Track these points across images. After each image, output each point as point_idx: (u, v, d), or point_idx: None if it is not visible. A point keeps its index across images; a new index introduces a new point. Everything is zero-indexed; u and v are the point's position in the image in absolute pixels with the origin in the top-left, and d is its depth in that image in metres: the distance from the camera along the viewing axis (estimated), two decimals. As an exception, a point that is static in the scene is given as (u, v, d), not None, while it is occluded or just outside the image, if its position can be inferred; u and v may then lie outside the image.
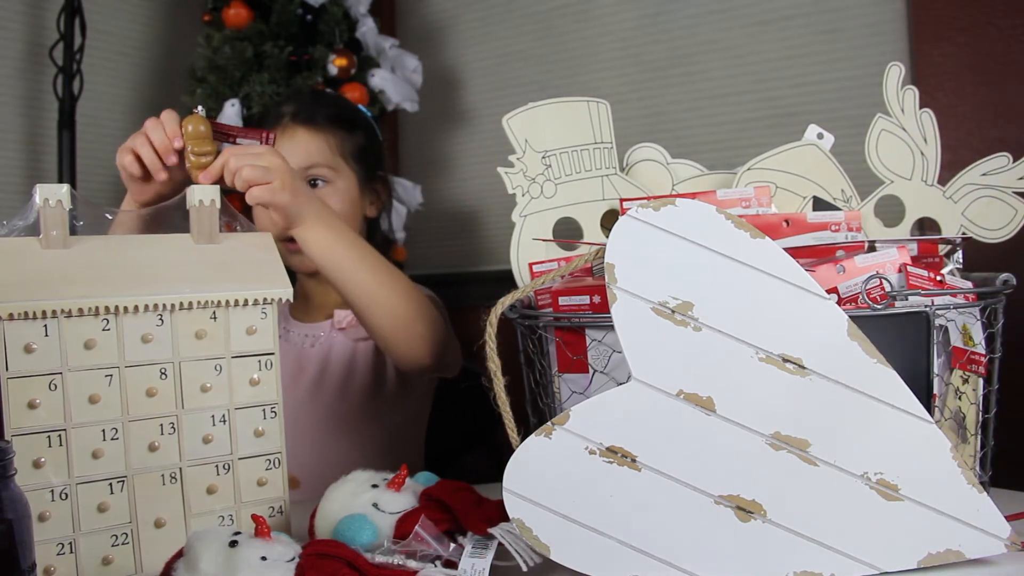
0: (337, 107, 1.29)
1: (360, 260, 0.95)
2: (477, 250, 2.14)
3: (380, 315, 0.96)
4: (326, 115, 1.22)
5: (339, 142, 1.20)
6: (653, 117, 1.90)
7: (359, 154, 1.23)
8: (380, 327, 0.97)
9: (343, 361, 1.18)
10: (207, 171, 0.87)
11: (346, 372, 1.17)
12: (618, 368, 0.72)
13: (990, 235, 0.85)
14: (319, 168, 1.17)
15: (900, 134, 0.86)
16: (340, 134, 1.21)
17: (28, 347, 0.64)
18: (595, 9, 1.98)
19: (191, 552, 0.57)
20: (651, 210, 0.64)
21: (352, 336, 1.18)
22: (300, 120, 1.19)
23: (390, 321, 0.97)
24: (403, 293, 0.98)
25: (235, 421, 0.72)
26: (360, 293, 0.95)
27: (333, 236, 0.94)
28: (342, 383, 1.17)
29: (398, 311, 0.97)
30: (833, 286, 0.71)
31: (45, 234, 0.68)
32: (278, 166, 0.88)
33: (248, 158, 0.87)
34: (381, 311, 0.96)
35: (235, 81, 1.75)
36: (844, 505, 0.61)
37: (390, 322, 0.97)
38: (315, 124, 1.19)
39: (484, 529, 0.64)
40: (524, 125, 0.89)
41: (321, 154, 1.18)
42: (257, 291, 0.73)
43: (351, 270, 0.94)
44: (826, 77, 1.71)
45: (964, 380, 0.73)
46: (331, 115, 1.23)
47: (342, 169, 1.20)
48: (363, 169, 1.22)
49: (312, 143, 1.18)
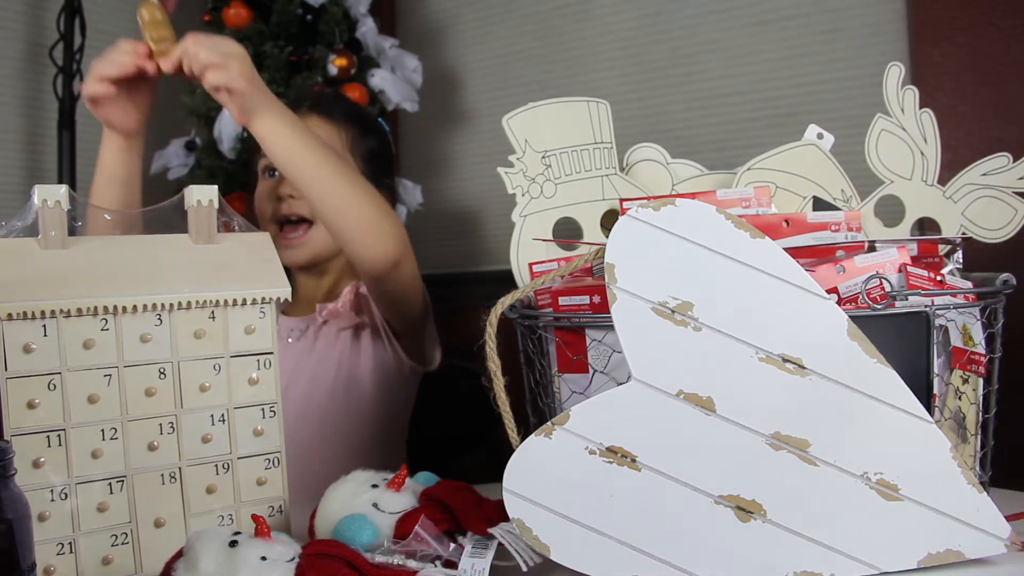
0: (355, 108, 1.31)
1: (324, 160, 0.95)
2: (477, 250, 2.14)
3: (345, 214, 0.97)
4: (343, 111, 1.24)
5: (350, 138, 1.21)
6: (653, 117, 1.90)
7: (369, 156, 1.24)
8: (346, 226, 0.97)
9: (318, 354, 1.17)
10: (167, 57, 0.88)
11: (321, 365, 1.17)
12: (618, 368, 0.72)
13: (990, 235, 0.85)
14: None
15: (900, 134, 0.86)
16: (353, 131, 1.22)
17: (27, 347, 0.63)
18: (595, 9, 1.98)
19: (191, 552, 0.57)
20: (651, 210, 0.64)
21: (334, 327, 1.18)
22: (317, 110, 1.21)
23: (356, 219, 0.97)
24: (366, 192, 0.99)
25: (234, 421, 0.72)
26: (325, 192, 0.95)
27: (295, 134, 0.94)
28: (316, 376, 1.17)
29: (363, 209, 0.97)
30: (833, 286, 0.71)
31: (44, 234, 0.68)
32: (237, 52, 0.89)
33: (207, 42, 0.87)
34: (346, 210, 0.96)
35: (235, 81, 1.75)
36: (844, 505, 0.61)
37: (356, 221, 0.97)
38: (330, 116, 1.21)
39: (484, 529, 0.64)
40: (524, 125, 0.89)
41: (331, 141, 1.19)
42: (256, 291, 0.73)
43: (315, 168, 0.94)
44: (826, 77, 1.71)
45: (964, 380, 0.73)
46: (348, 112, 1.25)
47: (347, 162, 1.20)
48: (370, 171, 1.23)
49: (323, 130, 1.19)
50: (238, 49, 0.89)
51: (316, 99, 1.24)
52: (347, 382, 1.17)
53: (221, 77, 0.88)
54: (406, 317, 1.16)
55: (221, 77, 0.88)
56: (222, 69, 0.88)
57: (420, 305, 1.15)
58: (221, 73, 0.88)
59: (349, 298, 1.19)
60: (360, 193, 0.98)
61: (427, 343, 1.22)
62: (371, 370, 1.18)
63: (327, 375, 1.17)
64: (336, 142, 1.20)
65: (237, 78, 0.88)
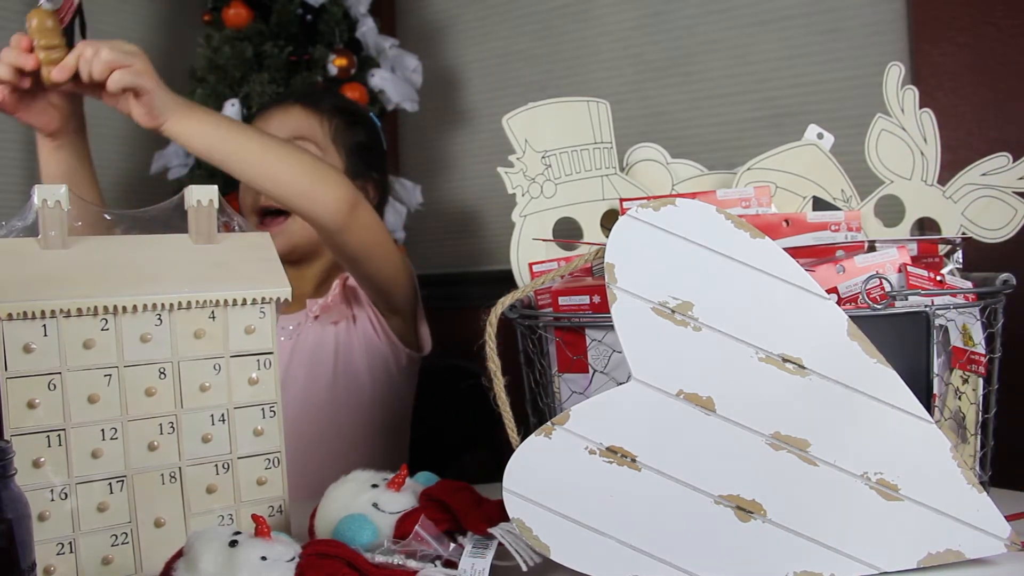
0: (345, 101, 1.31)
1: (245, 138, 0.95)
2: (477, 250, 2.14)
3: (282, 179, 0.96)
4: (330, 103, 1.24)
5: (334, 129, 1.21)
6: (653, 117, 1.90)
7: (354, 148, 1.23)
8: (289, 189, 0.97)
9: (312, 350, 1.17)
10: (61, 66, 0.84)
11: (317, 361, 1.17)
12: (618, 368, 0.72)
13: (990, 235, 0.85)
14: (305, 142, 1.18)
15: (900, 134, 0.86)
16: (338, 122, 1.22)
17: (27, 347, 0.63)
18: (595, 9, 1.98)
19: (191, 552, 0.57)
20: (651, 210, 0.64)
21: (325, 321, 1.18)
22: (301, 100, 1.21)
23: (293, 179, 0.96)
24: (298, 152, 0.98)
25: (234, 420, 0.72)
26: (257, 166, 0.95)
27: (210, 121, 0.93)
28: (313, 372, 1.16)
29: (298, 168, 0.96)
30: (833, 286, 0.71)
31: (44, 234, 0.68)
32: (138, 51, 0.86)
33: (106, 44, 0.85)
34: (281, 174, 0.96)
35: (235, 81, 1.75)
36: (844, 505, 0.61)
37: (294, 180, 0.96)
38: (315, 107, 1.21)
39: (484, 529, 0.64)
40: (524, 125, 0.89)
41: (311, 130, 1.19)
42: (255, 290, 0.73)
43: (239, 149, 0.93)
44: (826, 77, 1.71)
45: (964, 380, 0.73)
46: (335, 104, 1.25)
47: (330, 153, 1.20)
48: (355, 164, 1.23)
49: (305, 119, 1.19)
50: (138, 49, 0.86)
51: (303, 91, 1.24)
52: (345, 377, 1.17)
53: (128, 77, 0.84)
54: (393, 289, 1.14)
55: (128, 77, 0.84)
56: (128, 69, 0.84)
57: (403, 271, 1.14)
58: (127, 73, 0.84)
59: (338, 291, 1.19)
60: (291, 154, 0.97)
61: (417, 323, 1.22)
62: (368, 363, 1.18)
63: (324, 371, 1.16)
64: (317, 132, 1.20)
65: (144, 76, 0.85)
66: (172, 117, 0.89)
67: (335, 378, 1.16)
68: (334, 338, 1.18)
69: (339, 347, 1.18)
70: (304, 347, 1.17)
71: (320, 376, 1.16)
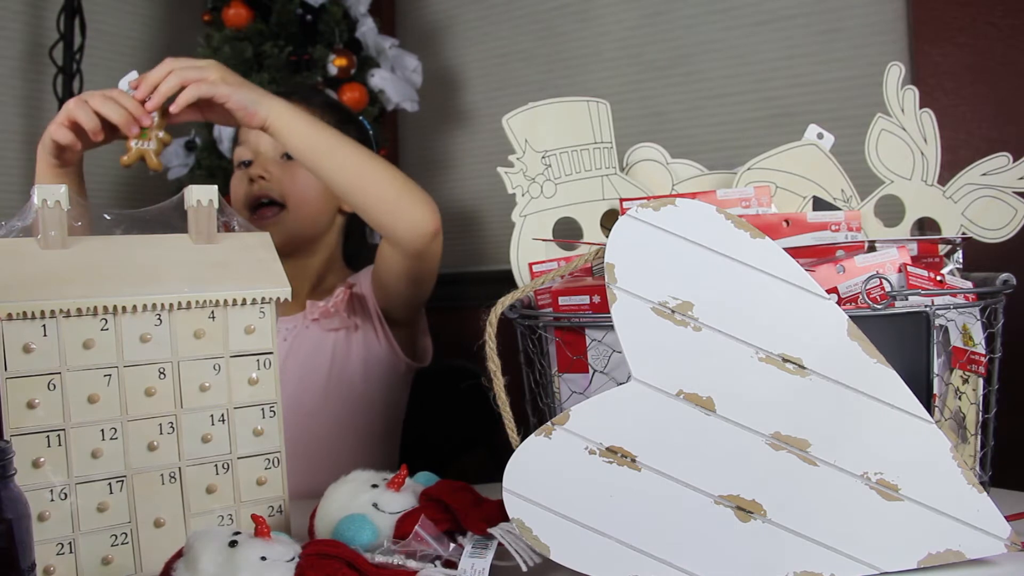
0: (333, 100, 1.31)
1: (339, 141, 0.95)
2: (477, 250, 2.14)
3: (373, 191, 0.96)
4: (320, 102, 1.24)
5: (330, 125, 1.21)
6: (653, 117, 1.90)
7: None
8: (378, 203, 0.96)
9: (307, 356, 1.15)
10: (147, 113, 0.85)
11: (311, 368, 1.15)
12: (618, 368, 0.72)
13: (990, 235, 0.85)
14: None
15: (900, 134, 0.86)
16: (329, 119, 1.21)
17: (27, 347, 0.63)
18: (595, 9, 1.98)
19: (191, 552, 0.57)
20: (651, 210, 0.64)
21: (325, 327, 1.16)
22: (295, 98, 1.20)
23: (384, 193, 0.96)
24: (387, 166, 0.98)
25: (234, 420, 0.72)
26: (349, 173, 0.94)
27: (307, 118, 0.93)
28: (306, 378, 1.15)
29: (390, 183, 0.96)
30: (833, 286, 0.71)
31: (44, 234, 0.68)
32: (208, 63, 0.87)
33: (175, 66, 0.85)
34: (372, 186, 0.96)
35: (235, 81, 1.75)
36: (844, 505, 0.61)
37: (385, 194, 0.96)
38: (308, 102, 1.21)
39: (484, 529, 0.64)
40: (524, 125, 0.89)
41: None
42: (255, 290, 0.73)
43: (338, 150, 0.93)
44: (826, 77, 1.71)
45: (964, 380, 0.73)
46: (326, 103, 1.25)
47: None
48: None
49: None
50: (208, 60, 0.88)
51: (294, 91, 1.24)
52: (339, 384, 1.16)
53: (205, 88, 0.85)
54: (415, 298, 1.15)
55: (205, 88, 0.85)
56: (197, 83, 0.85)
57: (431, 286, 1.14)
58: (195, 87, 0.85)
59: (342, 299, 1.17)
60: (383, 166, 0.97)
61: (420, 335, 1.21)
62: (364, 370, 1.17)
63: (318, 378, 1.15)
64: None
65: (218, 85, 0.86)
66: (271, 112, 0.90)
67: (327, 385, 1.15)
68: (331, 346, 1.16)
69: (335, 355, 1.16)
70: (299, 352, 1.16)
71: (313, 382, 1.15)
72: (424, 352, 1.22)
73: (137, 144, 0.84)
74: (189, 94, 0.86)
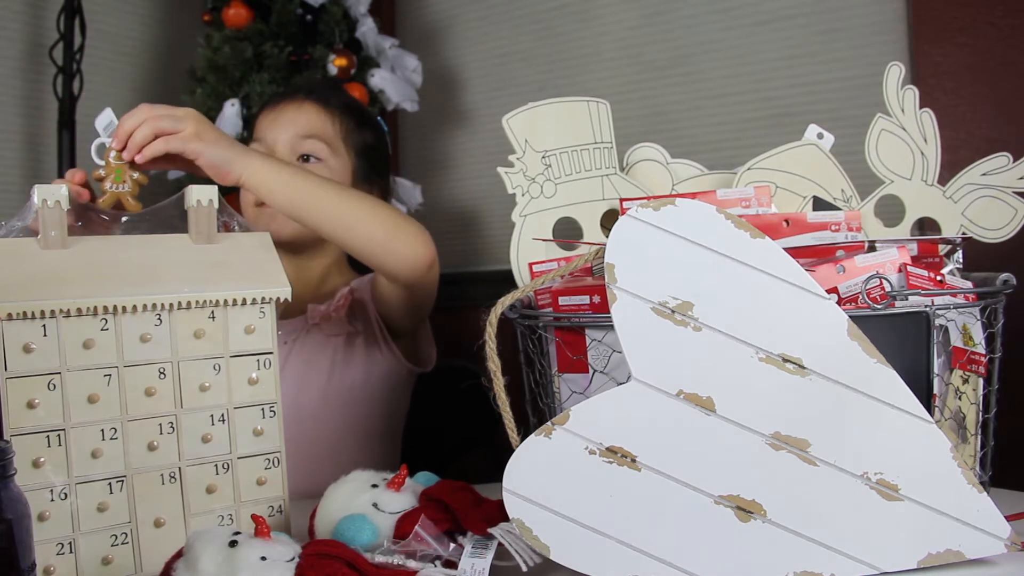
0: (353, 101, 1.30)
1: (322, 187, 0.93)
2: (477, 250, 2.14)
3: (360, 231, 0.95)
4: (340, 101, 1.23)
5: (344, 128, 1.20)
6: (653, 117, 1.90)
7: (363, 149, 1.23)
8: (367, 243, 0.95)
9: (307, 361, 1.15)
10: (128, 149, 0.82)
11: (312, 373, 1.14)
12: (618, 368, 0.72)
13: (990, 235, 0.85)
14: (316, 141, 1.16)
15: (900, 134, 0.86)
16: (348, 122, 1.21)
17: (27, 347, 0.63)
18: (595, 9, 1.98)
19: (191, 552, 0.57)
20: (651, 210, 0.64)
21: (326, 331, 1.16)
22: (313, 97, 1.20)
23: (372, 233, 0.95)
24: (375, 204, 0.97)
25: (234, 420, 0.72)
26: (333, 219, 0.93)
27: (285, 169, 0.91)
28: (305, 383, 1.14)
29: (379, 221, 0.95)
30: (833, 286, 0.71)
31: (44, 234, 0.68)
32: (188, 114, 0.84)
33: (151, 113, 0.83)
34: (360, 226, 0.95)
35: (235, 81, 1.75)
36: (844, 505, 0.61)
37: (373, 234, 0.95)
38: (326, 103, 1.20)
39: (484, 529, 0.64)
40: (524, 125, 0.89)
41: (323, 128, 1.18)
42: (255, 290, 0.73)
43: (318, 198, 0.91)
44: (826, 77, 1.71)
45: (964, 380, 0.73)
46: (344, 103, 1.24)
47: (340, 152, 1.19)
48: (363, 165, 1.22)
49: (318, 117, 1.18)
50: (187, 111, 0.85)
51: (313, 87, 1.23)
52: (340, 386, 1.15)
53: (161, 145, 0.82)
54: (415, 318, 1.15)
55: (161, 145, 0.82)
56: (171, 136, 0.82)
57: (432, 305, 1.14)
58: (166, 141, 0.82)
59: (343, 303, 1.16)
60: (369, 206, 0.96)
61: (423, 342, 1.21)
62: (365, 375, 1.16)
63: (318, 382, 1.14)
64: (329, 131, 1.18)
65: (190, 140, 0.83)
66: (245, 171, 0.87)
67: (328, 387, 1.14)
68: (332, 350, 1.15)
69: (336, 359, 1.15)
70: (300, 355, 1.15)
71: (314, 385, 1.14)
72: (428, 358, 1.22)
73: (111, 188, 0.83)
74: (158, 147, 0.83)
